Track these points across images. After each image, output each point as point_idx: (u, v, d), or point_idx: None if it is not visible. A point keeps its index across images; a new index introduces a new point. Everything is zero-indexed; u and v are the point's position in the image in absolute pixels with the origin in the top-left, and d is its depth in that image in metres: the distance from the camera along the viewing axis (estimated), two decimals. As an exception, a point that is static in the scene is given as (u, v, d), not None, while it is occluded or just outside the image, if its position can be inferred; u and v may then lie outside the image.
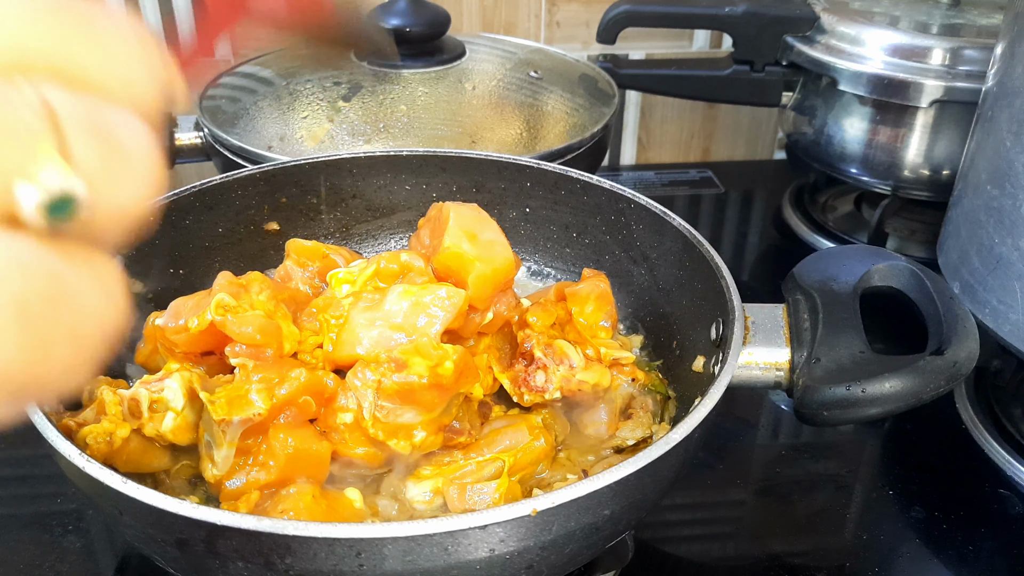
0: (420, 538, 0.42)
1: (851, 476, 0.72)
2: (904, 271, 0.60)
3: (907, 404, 0.54)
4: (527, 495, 0.55)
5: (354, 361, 0.53)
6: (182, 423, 0.52)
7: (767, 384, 0.57)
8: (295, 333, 0.55)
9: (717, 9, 1.00)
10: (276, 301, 0.56)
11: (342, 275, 0.59)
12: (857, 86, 0.93)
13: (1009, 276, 0.68)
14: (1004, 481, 0.71)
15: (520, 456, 0.55)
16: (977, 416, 0.76)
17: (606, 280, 0.64)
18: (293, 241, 0.65)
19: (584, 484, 0.44)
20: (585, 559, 0.54)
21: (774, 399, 0.80)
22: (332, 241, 0.76)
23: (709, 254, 0.62)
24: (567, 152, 0.85)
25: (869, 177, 0.98)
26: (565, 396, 0.58)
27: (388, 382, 0.50)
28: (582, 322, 0.62)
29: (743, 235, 1.11)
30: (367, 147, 0.83)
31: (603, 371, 0.59)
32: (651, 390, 0.63)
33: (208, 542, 0.43)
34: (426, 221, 0.62)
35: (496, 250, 0.57)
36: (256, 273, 0.57)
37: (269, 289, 0.56)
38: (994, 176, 0.70)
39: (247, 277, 0.56)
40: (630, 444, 0.60)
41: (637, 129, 1.25)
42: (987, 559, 0.65)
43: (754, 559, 0.65)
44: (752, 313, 0.58)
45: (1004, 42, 0.71)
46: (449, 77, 0.91)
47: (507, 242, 0.57)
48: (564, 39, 1.17)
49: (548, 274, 0.77)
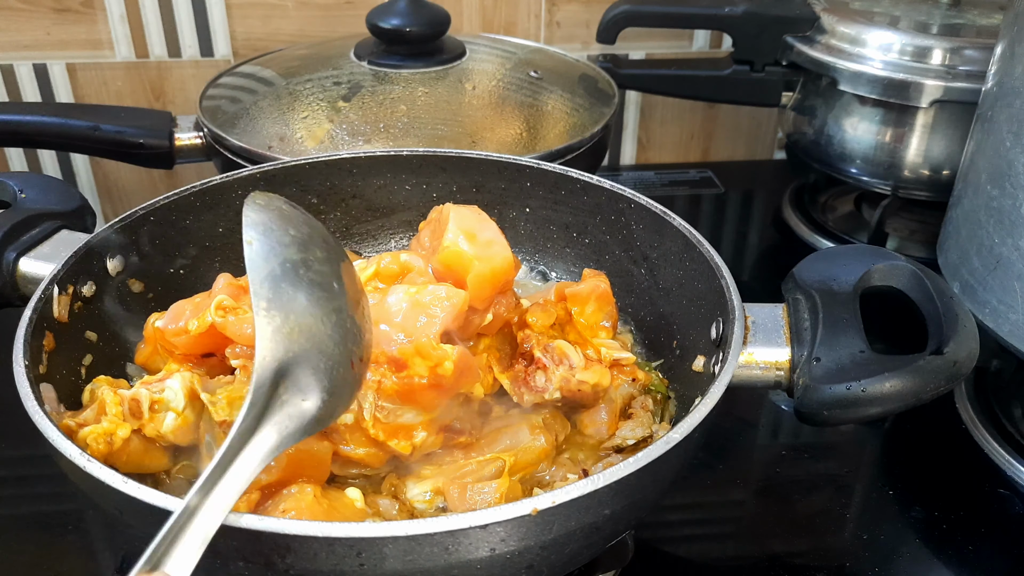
0: (421, 537, 0.42)
1: (851, 476, 0.72)
2: (904, 271, 0.60)
3: (907, 404, 0.53)
4: (527, 495, 0.55)
5: None
6: (183, 423, 0.52)
7: (767, 384, 0.57)
8: None
9: (717, 9, 1.00)
10: None
11: None
12: (857, 86, 0.93)
13: (1009, 276, 0.68)
14: (1004, 481, 0.71)
15: (520, 456, 0.55)
16: (977, 416, 0.76)
17: (606, 280, 0.64)
18: None
19: (585, 483, 0.44)
20: (585, 558, 0.54)
21: (774, 399, 0.80)
22: (332, 241, 0.76)
23: (709, 254, 0.62)
24: (567, 152, 0.85)
25: (869, 177, 0.98)
26: (565, 396, 0.58)
27: (388, 382, 0.50)
28: (582, 322, 0.62)
29: (743, 235, 1.11)
30: (367, 147, 0.83)
31: (603, 371, 0.59)
32: (651, 390, 0.63)
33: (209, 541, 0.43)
34: (427, 223, 0.62)
35: (495, 250, 0.57)
36: None
37: None
38: (994, 176, 0.70)
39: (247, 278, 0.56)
40: (630, 444, 0.60)
41: (637, 129, 1.25)
42: (987, 559, 0.65)
43: (754, 559, 0.65)
44: (752, 313, 0.58)
45: (1004, 42, 0.71)
46: (449, 77, 0.91)
47: (506, 242, 0.57)
48: (564, 39, 1.17)
49: (548, 274, 0.77)
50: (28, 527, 0.66)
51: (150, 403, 0.52)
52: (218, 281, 0.56)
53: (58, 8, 1.05)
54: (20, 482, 0.70)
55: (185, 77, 1.11)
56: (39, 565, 0.62)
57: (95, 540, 0.65)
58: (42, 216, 0.65)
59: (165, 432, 0.52)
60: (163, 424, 0.52)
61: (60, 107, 0.99)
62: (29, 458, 0.72)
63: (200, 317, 0.53)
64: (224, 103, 0.90)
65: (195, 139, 0.89)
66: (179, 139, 0.89)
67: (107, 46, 1.08)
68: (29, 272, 0.62)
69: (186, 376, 0.53)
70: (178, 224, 0.68)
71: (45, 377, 0.54)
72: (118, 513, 0.46)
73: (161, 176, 1.17)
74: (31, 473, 0.71)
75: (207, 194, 0.70)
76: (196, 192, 0.69)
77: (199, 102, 0.91)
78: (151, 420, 0.52)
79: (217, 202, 0.70)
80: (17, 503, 0.68)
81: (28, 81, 1.09)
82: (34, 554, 0.63)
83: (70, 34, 1.07)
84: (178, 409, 0.52)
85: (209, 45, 1.10)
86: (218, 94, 0.92)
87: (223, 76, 0.96)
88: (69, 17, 1.06)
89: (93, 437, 0.51)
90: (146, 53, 1.09)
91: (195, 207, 0.69)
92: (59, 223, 0.66)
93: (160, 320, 0.56)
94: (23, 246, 0.63)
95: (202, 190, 0.69)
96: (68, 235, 0.65)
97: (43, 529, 0.65)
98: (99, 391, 0.54)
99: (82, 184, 1.17)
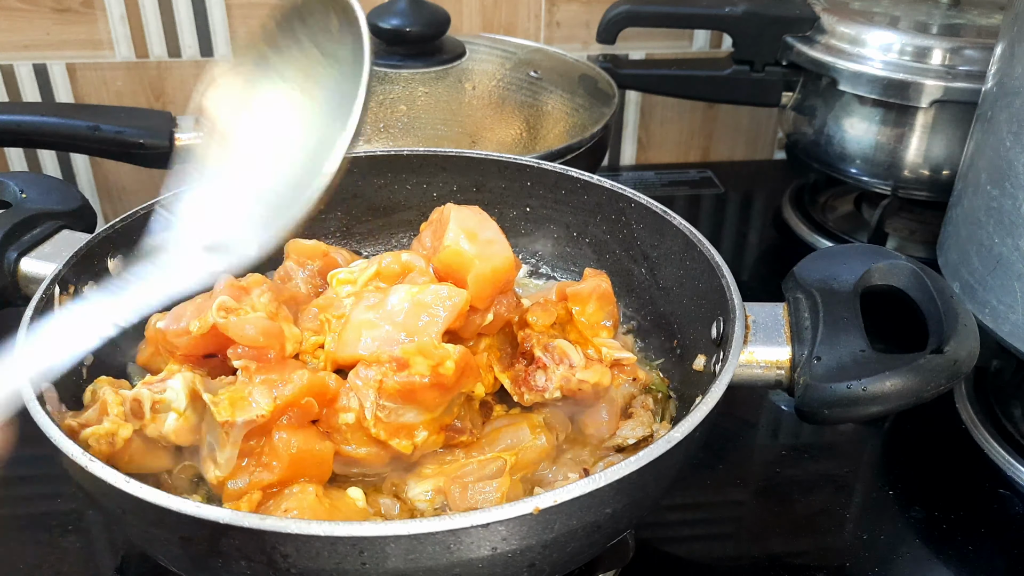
0: (423, 536, 0.42)
1: (851, 476, 0.72)
2: (904, 270, 0.60)
3: (908, 402, 0.54)
4: (528, 494, 0.55)
5: (356, 361, 0.53)
6: (184, 424, 0.52)
7: (768, 383, 0.57)
8: (297, 335, 0.55)
9: (717, 9, 1.00)
10: (277, 303, 0.56)
11: (343, 276, 0.59)
12: (857, 86, 0.93)
13: (1009, 276, 0.68)
14: (1004, 481, 0.71)
15: (522, 455, 0.55)
16: (977, 416, 0.76)
17: (608, 279, 0.64)
18: (294, 241, 0.64)
19: (586, 483, 0.44)
20: (586, 557, 0.54)
21: (774, 399, 0.80)
22: (332, 241, 0.76)
23: (709, 253, 0.62)
24: (567, 152, 0.85)
25: (869, 177, 0.98)
26: (566, 395, 0.58)
27: (390, 382, 0.50)
28: (583, 321, 0.62)
29: (743, 235, 1.11)
30: (367, 147, 0.83)
31: (604, 371, 0.59)
32: (652, 389, 0.63)
33: (211, 541, 0.43)
34: (428, 224, 0.62)
35: (495, 249, 0.57)
36: (257, 275, 0.57)
37: (270, 291, 0.56)
38: (994, 176, 0.70)
39: (248, 279, 0.56)
40: (631, 443, 0.60)
41: (637, 129, 1.25)
42: (987, 559, 0.65)
43: (754, 559, 0.65)
44: (753, 312, 0.58)
45: (1004, 42, 0.71)
46: (449, 77, 0.91)
47: (507, 242, 0.57)
48: (564, 39, 1.17)
49: (548, 274, 0.77)
50: (28, 527, 0.66)
51: (151, 403, 0.52)
52: (219, 282, 0.56)
53: (58, 8, 1.05)
54: (20, 482, 0.70)
55: (185, 77, 1.11)
56: (39, 565, 0.62)
57: (95, 540, 0.65)
58: (43, 216, 0.65)
59: (166, 433, 0.52)
60: (164, 424, 0.52)
61: (60, 107, 0.99)
62: (29, 458, 0.71)
63: (201, 318, 0.53)
64: (224, 103, 0.90)
65: (195, 139, 0.89)
66: (179, 139, 0.89)
67: (107, 46, 1.08)
68: (30, 272, 0.62)
69: (188, 376, 0.53)
70: (179, 224, 0.68)
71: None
72: (121, 512, 0.46)
73: (161, 176, 1.16)
74: (31, 473, 0.70)
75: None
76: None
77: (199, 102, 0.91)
78: (152, 420, 0.52)
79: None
80: (17, 503, 0.68)
81: (28, 81, 1.09)
82: (34, 554, 0.63)
83: (70, 34, 1.07)
84: (179, 409, 0.52)
85: (209, 45, 1.10)
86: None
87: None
88: (69, 17, 1.06)
89: (95, 438, 0.51)
90: (146, 53, 1.09)
91: (196, 207, 0.69)
92: (60, 223, 0.66)
93: (162, 321, 0.56)
94: (24, 246, 0.63)
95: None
96: (69, 235, 0.65)
97: (43, 529, 0.65)
98: (100, 391, 0.54)
99: (82, 184, 1.17)
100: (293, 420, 0.51)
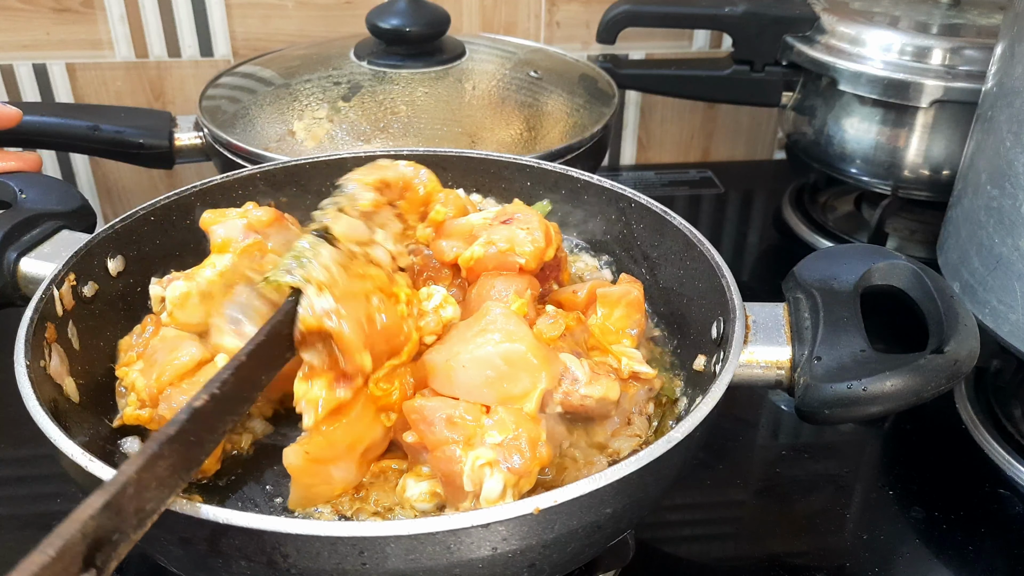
0: (423, 536, 0.42)
1: (851, 476, 0.72)
2: (904, 270, 0.60)
3: (908, 402, 0.53)
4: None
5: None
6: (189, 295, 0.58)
7: (768, 383, 0.57)
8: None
9: (717, 9, 1.01)
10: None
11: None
12: (857, 86, 0.93)
13: (1009, 276, 0.68)
14: (1004, 481, 0.71)
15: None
16: (977, 416, 0.76)
17: (640, 288, 0.63)
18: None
19: (586, 483, 0.44)
20: (587, 557, 0.54)
21: (774, 399, 0.80)
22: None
23: (709, 253, 0.62)
24: (567, 152, 0.85)
25: (869, 177, 0.98)
26: (568, 411, 0.55)
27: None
28: (607, 326, 0.60)
29: (743, 235, 1.11)
30: (367, 147, 0.83)
31: (611, 384, 0.55)
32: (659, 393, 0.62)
33: (211, 541, 0.43)
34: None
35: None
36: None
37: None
38: (994, 176, 0.70)
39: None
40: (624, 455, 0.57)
41: (637, 129, 1.25)
42: (987, 559, 0.65)
43: (754, 559, 0.65)
44: (753, 312, 0.58)
45: (1004, 42, 0.71)
46: (449, 77, 0.91)
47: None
48: (564, 39, 1.17)
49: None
50: (28, 527, 0.66)
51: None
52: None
53: (58, 8, 1.05)
54: (20, 482, 0.70)
55: (185, 77, 1.11)
56: (39, 565, 0.62)
57: (95, 540, 0.65)
58: (43, 216, 0.65)
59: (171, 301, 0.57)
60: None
61: (60, 107, 0.99)
62: (29, 458, 0.72)
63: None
64: (224, 103, 0.90)
65: (195, 139, 0.89)
66: (179, 139, 0.89)
67: (107, 46, 1.08)
68: (30, 272, 0.62)
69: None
70: (178, 224, 0.68)
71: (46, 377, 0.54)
72: (119, 512, 0.46)
73: (161, 176, 1.17)
74: (31, 473, 0.71)
75: (207, 194, 0.70)
76: (196, 192, 0.69)
77: (199, 102, 0.91)
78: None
79: (217, 202, 0.70)
80: (17, 503, 0.68)
81: (28, 81, 1.09)
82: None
83: (70, 34, 1.07)
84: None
85: (209, 45, 1.10)
86: (218, 94, 0.92)
87: (223, 76, 0.96)
88: (69, 17, 1.06)
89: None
90: (146, 53, 1.09)
91: (195, 207, 0.69)
92: (60, 223, 0.66)
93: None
94: (24, 246, 0.63)
95: (202, 190, 0.69)
96: (69, 235, 0.65)
97: (43, 529, 0.64)
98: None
99: (82, 184, 1.17)
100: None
